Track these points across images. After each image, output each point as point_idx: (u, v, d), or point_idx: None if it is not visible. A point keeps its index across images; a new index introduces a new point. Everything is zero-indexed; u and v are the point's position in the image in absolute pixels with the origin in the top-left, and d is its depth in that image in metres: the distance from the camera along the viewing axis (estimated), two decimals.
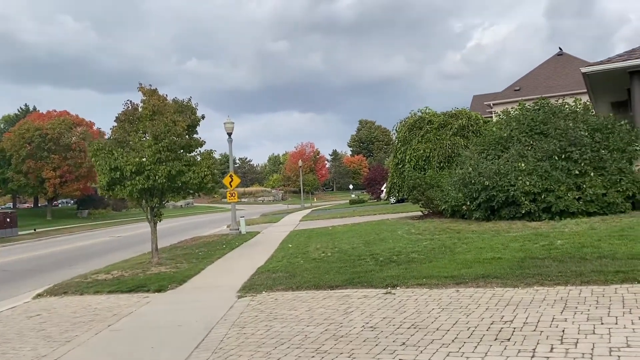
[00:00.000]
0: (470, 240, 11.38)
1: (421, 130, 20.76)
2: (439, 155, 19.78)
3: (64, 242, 29.07)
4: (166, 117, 14.15)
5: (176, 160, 14.04)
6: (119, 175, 13.58)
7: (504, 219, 13.31)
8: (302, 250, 14.01)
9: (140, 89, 14.99)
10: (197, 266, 13.04)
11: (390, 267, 9.72)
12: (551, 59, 37.14)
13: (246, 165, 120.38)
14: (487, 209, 13.60)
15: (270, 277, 10.23)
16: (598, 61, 13.35)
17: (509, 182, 12.79)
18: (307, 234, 18.87)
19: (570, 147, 12.67)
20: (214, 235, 23.32)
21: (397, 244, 12.34)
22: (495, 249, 10.11)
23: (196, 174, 14.29)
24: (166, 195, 14.84)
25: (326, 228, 20.68)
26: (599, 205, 12.21)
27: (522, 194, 12.58)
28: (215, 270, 12.47)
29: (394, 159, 21.89)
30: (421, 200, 17.94)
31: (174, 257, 15.34)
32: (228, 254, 15.51)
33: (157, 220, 14.88)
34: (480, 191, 13.48)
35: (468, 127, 20.23)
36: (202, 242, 20.02)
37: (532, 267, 8.26)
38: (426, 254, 10.52)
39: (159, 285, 10.55)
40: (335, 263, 10.88)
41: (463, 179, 14.35)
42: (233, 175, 24.28)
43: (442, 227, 14.03)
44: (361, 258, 11.05)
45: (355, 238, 14.83)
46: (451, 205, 15.08)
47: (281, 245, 16.22)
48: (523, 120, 14.24)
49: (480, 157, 14.55)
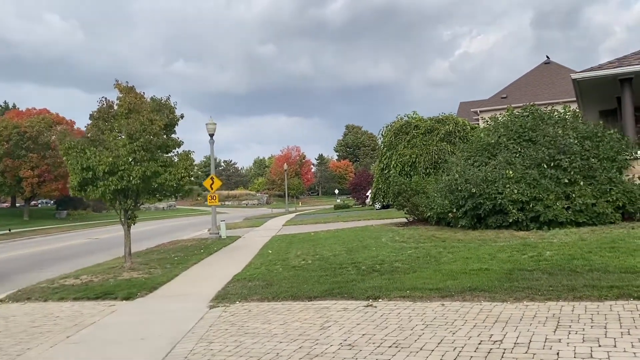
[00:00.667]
0: (456, 250, 10.95)
1: (407, 135, 20.34)
2: (425, 161, 19.38)
3: (38, 243, 28.17)
4: (142, 116, 13.55)
5: (152, 161, 13.45)
6: (91, 176, 12.98)
7: (490, 228, 12.93)
8: (281, 257, 13.49)
9: (117, 86, 14.38)
10: (171, 272, 12.46)
11: (373, 277, 9.24)
12: (538, 67, 37.13)
13: (231, 167, 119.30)
14: (473, 217, 13.21)
15: (246, 285, 9.70)
16: (588, 68, 13.08)
17: (497, 190, 12.41)
18: (289, 240, 18.35)
19: (560, 155, 12.32)
20: (193, 239, 22.66)
21: (381, 252, 11.87)
22: (482, 259, 9.69)
23: (173, 175, 13.71)
24: (141, 197, 14.23)
25: (308, 234, 20.17)
26: (588, 215, 11.87)
27: (510, 202, 12.20)
28: (190, 277, 11.89)
29: (379, 164, 21.45)
30: (406, 206, 17.51)
31: (148, 262, 14.73)
32: (205, 259, 14.94)
33: (132, 223, 14.27)
34: (467, 198, 13.08)
35: (455, 133, 19.86)
36: (179, 247, 19.41)
37: (521, 279, 7.85)
38: (410, 264, 10.07)
39: (127, 292, 9.95)
40: (315, 271, 10.38)
41: (449, 186, 13.95)
42: (214, 177, 23.66)
43: (427, 235, 13.60)
44: (342, 267, 10.56)
45: (338, 245, 14.34)
46: (437, 213, 14.67)
47: (261, 251, 15.69)
48: (511, 126, 13.88)
49: (467, 163, 14.16)
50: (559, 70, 36.57)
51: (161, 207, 77.67)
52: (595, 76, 12.63)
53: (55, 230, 37.67)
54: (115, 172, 12.97)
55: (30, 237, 32.97)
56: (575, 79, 12.89)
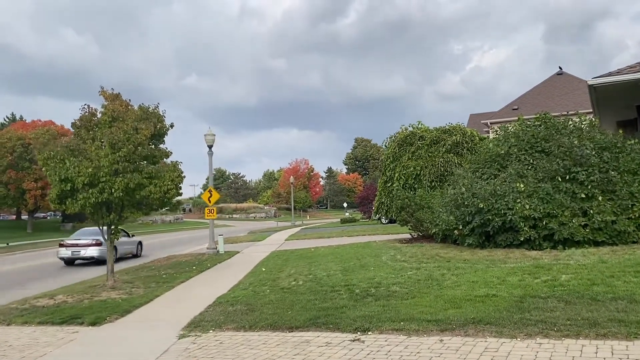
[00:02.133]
0: (461, 272, 9.90)
1: (412, 147, 19.30)
2: (431, 173, 18.32)
3: (33, 257, 27.44)
4: (127, 124, 12.73)
5: (136, 172, 12.60)
6: (69, 187, 12.16)
7: (500, 247, 11.85)
8: (273, 275, 12.53)
9: (102, 93, 13.63)
10: (153, 292, 11.56)
11: (366, 302, 8.23)
12: (551, 79, 36.03)
13: (239, 180, 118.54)
14: (481, 234, 12.14)
15: (225, 310, 8.74)
16: (606, 73, 12.03)
17: (507, 205, 11.35)
18: (286, 256, 17.40)
19: (576, 167, 11.25)
20: (190, 255, 21.77)
21: (378, 272, 10.85)
22: (489, 283, 8.64)
23: (158, 187, 12.82)
24: (126, 211, 13.33)
25: (308, 249, 19.22)
26: (607, 233, 10.76)
27: (521, 218, 11.14)
28: (171, 298, 10.94)
29: (383, 177, 20.42)
30: (410, 222, 16.47)
31: (133, 280, 13.84)
32: (194, 277, 14.01)
33: (115, 238, 13.38)
34: (474, 214, 12.04)
35: (462, 144, 18.80)
36: (173, 262, 18.53)
37: (533, 309, 6.80)
38: (409, 287, 9.04)
39: (96, 316, 9.02)
40: (304, 295, 9.39)
41: (455, 200, 12.92)
42: (212, 190, 22.83)
43: (431, 254, 12.55)
44: (335, 289, 9.56)
45: (334, 263, 13.33)
46: (442, 229, 13.62)
47: (255, 268, 14.76)
48: (523, 136, 12.83)
49: (475, 176, 13.13)
50: (571, 81, 35.43)
51: (168, 220, 76.99)
52: (614, 82, 11.58)
53: (55, 244, 36.83)
54: (96, 184, 12.15)
55: (28, 251, 32.22)
56: (591, 85, 11.84)
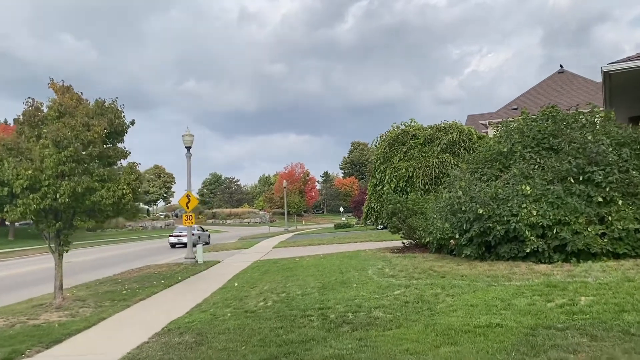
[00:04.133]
0: (457, 291, 8.29)
1: (404, 146, 17.63)
2: (424, 175, 16.66)
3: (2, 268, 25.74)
4: (76, 120, 11.13)
5: (85, 175, 10.99)
6: (7, 193, 10.56)
7: (502, 259, 10.26)
8: (243, 293, 10.97)
9: (51, 86, 12.01)
10: (101, 314, 10.01)
11: (340, 334, 6.64)
12: (552, 77, 34.56)
13: (233, 185, 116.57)
14: (480, 244, 10.55)
15: (169, 343, 7.15)
16: (624, 58, 10.46)
17: (510, 211, 9.76)
18: (267, 268, 15.86)
19: (591, 165, 9.66)
20: (165, 265, 20.15)
21: (361, 291, 9.23)
22: (492, 307, 7.04)
23: (112, 192, 11.20)
24: (76, 219, 11.70)
25: (292, 259, 17.68)
26: (630, 244, 9.16)
27: (527, 226, 9.54)
28: (117, 322, 9.33)
29: (372, 179, 18.74)
30: (402, 229, 14.86)
31: (87, 297, 12.27)
32: (157, 294, 12.47)
33: (64, 250, 11.75)
34: (473, 221, 10.45)
35: (459, 143, 17.15)
36: (143, 275, 16.94)
37: (550, 347, 5.26)
38: (395, 312, 7.45)
39: (12, 350, 7.43)
40: (269, 321, 7.79)
41: (451, 205, 11.33)
42: (190, 195, 21.22)
43: (424, 267, 10.94)
44: (306, 314, 7.97)
45: (314, 278, 11.72)
46: (436, 238, 12.01)
47: (227, 283, 13.24)
48: (528, 132, 11.24)
49: (474, 177, 11.53)
50: (573, 79, 33.98)
51: (159, 226, 75.26)
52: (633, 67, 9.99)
53: (33, 252, 35.09)
54: (38, 189, 10.56)
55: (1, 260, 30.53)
56: (607, 72, 10.25)
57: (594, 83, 32.73)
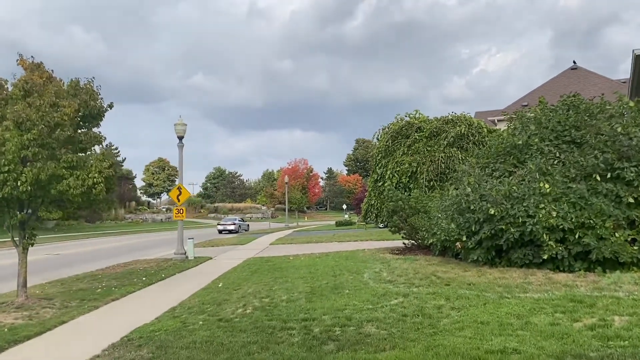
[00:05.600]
0: (464, 303, 7.12)
1: (408, 139, 16.35)
2: (429, 170, 15.42)
3: None
4: (43, 99, 10.01)
5: (51, 160, 9.87)
6: None
7: (515, 265, 9.08)
8: (224, 296, 9.87)
9: (20, 62, 10.91)
10: (63, 316, 8.98)
11: (322, 354, 5.51)
12: (564, 73, 33.21)
13: (236, 179, 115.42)
14: (490, 248, 9.36)
15: (121, 358, 6.00)
16: None
17: (526, 212, 8.57)
18: (258, 266, 14.77)
19: (621, 161, 8.46)
20: (153, 260, 19.06)
21: (353, 299, 8.08)
22: (506, 326, 5.87)
23: (81, 180, 10.07)
24: (42, 209, 10.60)
25: (286, 258, 16.62)
26: None
27: (546, 229, 8.36)
28: (75, 328, 8.24)
29: (373, 175, 17.50)
30: (403, 229, 13.68)
31: (56, 296, 11.20)
32: (133, 293, 11.42)
33: (29, 244, 10.65)
34: (482, 222, 9.26)
35: (468, 137, 15.86)
36: (126, 271, 15.87)
37: None
38: (389, 328, 6.29)
39: None
40: (244, 333, 6.67)
41: (458, 204, 10.15)
42: (182, 187, 20.10)
43: (426, 273, 9.76)
44: (287, 326, 6.83)
45: (304, 281, 10.58)
46: (440, 240, 10.83)
47: (211, 283, 12.19)
48: (546, 122, 10.02)
49: (484, 173, 10.34)
50: (587, 76, 32.65)
51: (159, 219, 74.18)
52: None
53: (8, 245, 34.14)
54: None
55: None
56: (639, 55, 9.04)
57: (609, 80, 31.39)
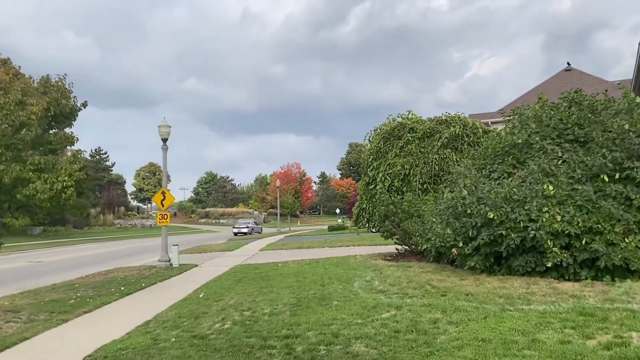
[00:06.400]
0: (463, 317, 6.45)
1: (400, 141, 15.74)
2: (422, 173, 14.80)
3: None
4: (8, 97, 9.31)
5: (17, 163, 9.16)
6: None
7: (515, 273, 8.45)
8: (203, 308, 9.18)
9: None
10: (27, 331, 8.35)
11: None
12: (558, 75, 32.79)
13: (227, 184, 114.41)
14: (489, 255, 8.72)
15: None
16: None
17: (528, 215, 7.94)
18: (243, 275, 14.07)
19: (631, 160, 7.86)
20: (136, 268, 18.28)
21: (341, 312, 7.39)
22: (511, 345, 5.21)
23: (48, 184, 9.36)
24: (7, 215, 9.88)
25: (275, 265, 15.93)
26: None
27: (549, 235, 7.72)
28: (36, 346, 7.53)
29: (364, 178, 16.87)
30: (396, 234, 13.02)
31: (24, 308, 10.47)
32: (107, 305, 10.73)
33: None
34: (480, 227, 8.62)
35: (463, 138, 15.27)
36: (107, 279, 15.13)
37: None
38: (380, 346, 5.62)
39: None
40: (217, 353, 5.99)
41: (453, 208, 9.51)
42: (166, 192, 19.36)
43: (420, 281, 9.10)
44: (267, 344, 6.15)
45: (290, 291, 9.88)
46: (435, 246, 10.18)
47: (193, 293, 11.51)
48: (547, 120, 9.41)
49: (481, 174, 9.71)
50: (581, 77, 32.20)
51: (149, 225, 73.19)
52: None
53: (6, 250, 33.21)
54: None
55: None
56: None
57: (603, 81, 30.96)
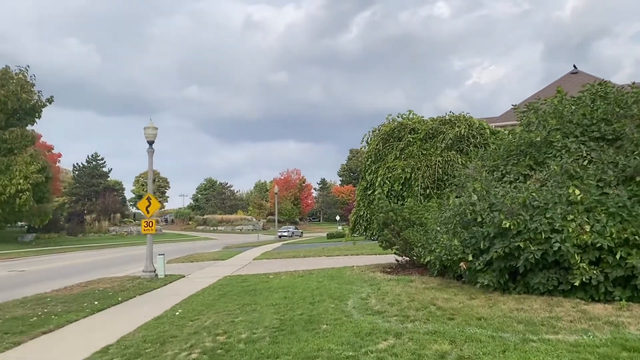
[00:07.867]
0: (476, 350, 5.27)
1: (400, 142, 14.56)
2: (425, 176, 13.61)
3: None
4: None
5: None
6: None
7: (534, 292, 7.27)
8: (173, 331, 8.07)
9: None
10: None
11: None
12: (564, 78, 31.68)
13: (226, 190, 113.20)
14: (503, 270, 7.54)
15: None
16: None
17: (551, 225, 6.78)
18: (228, 288, 12.96)
19: None
20: (118, 279, 17.12)
21: (330, 340, 6.20)
22: None
23: (2, 187, 8.19)
24: None
25: (266, 277, 14.83)
26: None
27: (576, 247, 6.55)
28: None
29: (362, 182, 15.71)
30: (396, 244, 11.84)
31: None
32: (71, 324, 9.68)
33: None
34: (493, 238, 7.46)
35: (469, 139, 14.11)
36: (84, 291, 14.04)
37: None
38: None
39: None
40: None
41: (461, 215, 8.34)
42: (152, 198, 18.19)
43: (423, 300, 7.91)
44: None
45: (276, 309, 8.71)
46: (440, 259, 9.00)
47: (170, 309, 10.48)
48: (569, 115, 8.28)
49: (493, 177, 8.55)
50: (588, 80, 31.06)
51: None
52: None
53: None
54: None
55: None
56: None
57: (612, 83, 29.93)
